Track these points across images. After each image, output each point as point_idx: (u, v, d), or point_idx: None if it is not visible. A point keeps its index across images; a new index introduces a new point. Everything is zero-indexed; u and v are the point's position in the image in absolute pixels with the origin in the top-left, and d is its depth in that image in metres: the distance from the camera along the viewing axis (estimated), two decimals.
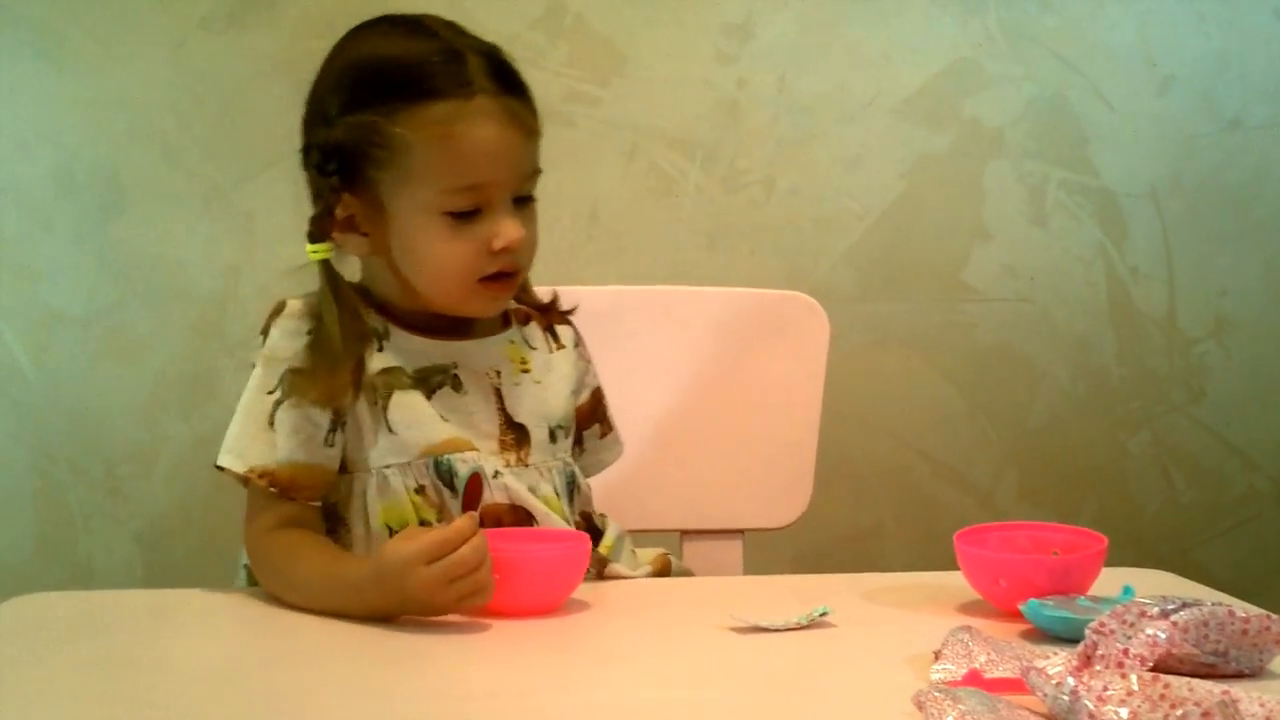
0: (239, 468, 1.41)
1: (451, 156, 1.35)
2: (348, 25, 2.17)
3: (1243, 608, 1.07)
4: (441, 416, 1.39)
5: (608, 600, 1.32)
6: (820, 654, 1.17)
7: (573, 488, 1.47)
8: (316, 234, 1.41)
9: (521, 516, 1.39)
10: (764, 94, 2.22)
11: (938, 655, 1.08)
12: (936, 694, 0.95)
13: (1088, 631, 1.01)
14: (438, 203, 1.36)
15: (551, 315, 1.53)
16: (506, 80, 1.39)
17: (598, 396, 1.55)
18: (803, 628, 1.21)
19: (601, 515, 1.52)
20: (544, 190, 1.99)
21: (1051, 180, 2.26)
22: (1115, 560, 1.30)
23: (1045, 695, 0.94)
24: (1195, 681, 0.93)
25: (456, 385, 1.42)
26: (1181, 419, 2.30)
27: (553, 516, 1.41)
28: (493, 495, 1.39)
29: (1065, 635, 1.14)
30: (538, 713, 1.03)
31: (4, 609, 1.33)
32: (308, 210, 1.41)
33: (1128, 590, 1.22)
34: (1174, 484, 2.31)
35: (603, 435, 1.56)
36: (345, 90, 1.41)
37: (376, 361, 1.40)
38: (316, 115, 1.43)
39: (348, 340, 1.39)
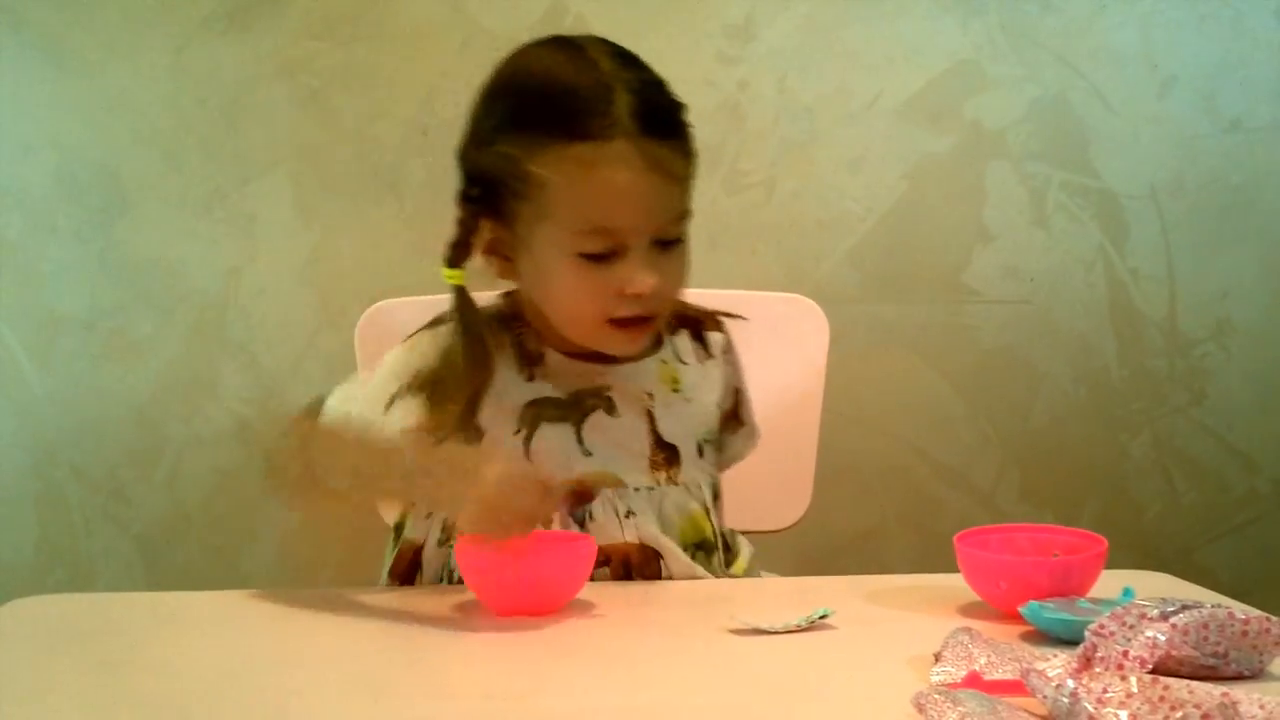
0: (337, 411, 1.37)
1: (585, 199, 1.32)
2: (349, 27, 2.19)
3: (1242, 610, 1.07)
4: (586, 451, 1.39)
5: (608, 602, 1.32)
6: (820, 656, 1.17)
7: (716, 498, 1.48)
8: (452, 258, 1.39)
9: (649, 556, 1.39)
10: (765, 95, 2.22)
11: (938, 657, 1.08)
12: (936, 696, 0.95)
13: (1087, 633, 1.01)
14: (571, 243, 1.33)
15: (703, 323, 1.52)
16: (654, 123, 1.33)
17: (739, 396, 1.55)
18: (802, 630, 1.21)
19: (734, 533, 1.52)
20: None
21: (1053, 182, 2.26)
22: (1116, 562, 1.30)
23: (1045, 697, 0.94)
24: (1195, 683, 0.93)
25: (610, 408, 1.42)
26: (1182, 420, 2.30)
27: (680, 558, 1.40)
28: (623, 535, 1.39)
29: (1065, 637, 1.14)
30: (537, 714, 1.03)
31: (5, 611, 1.33)
32: (309, 211, 1.41)
33: (1128, 592, 1.22)
34: (1175, 486, 2.31)
35: (737, 429, 1.56)
36: (494, 115, 1.39)
37: (526, 392, 1.40)
38: (469, 136, 1.41)
39: (469, 369, 1.37)
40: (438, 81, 2.20)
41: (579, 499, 1.38)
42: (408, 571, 1.43)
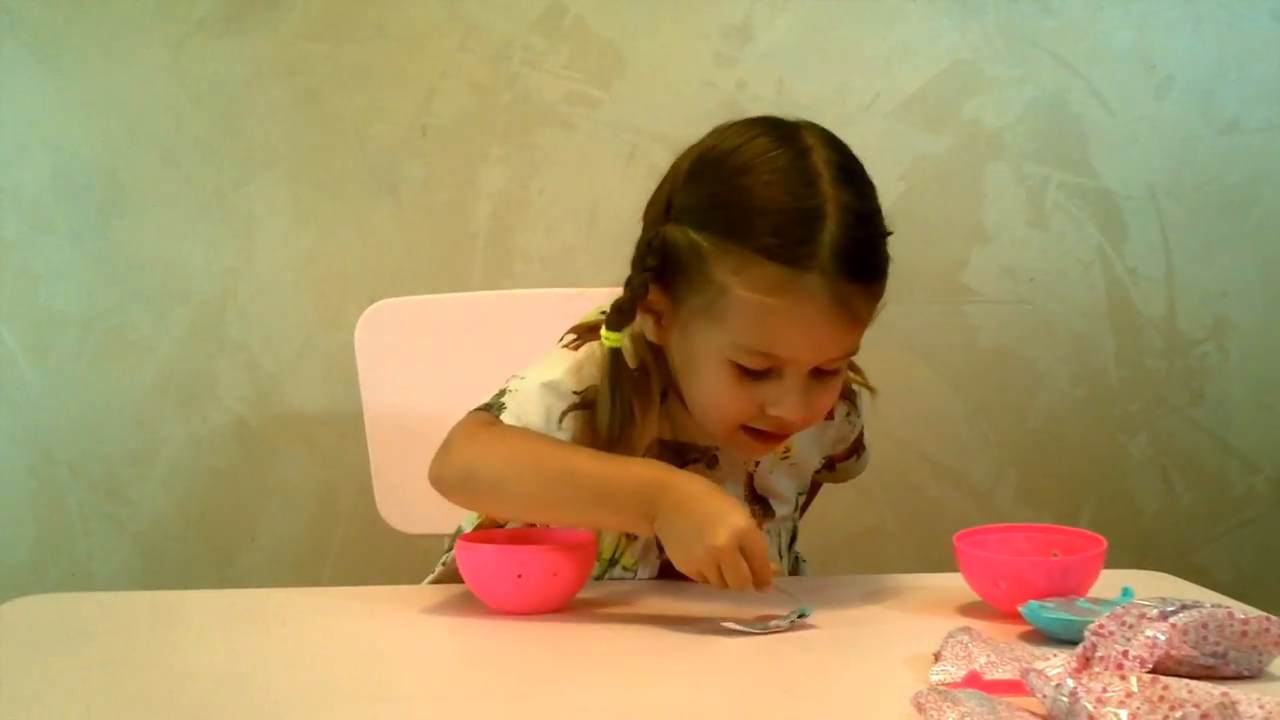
0: (510, 420, 1.35)
1: (760, 321, 1.27)
2: (346, 27, 2.19)
3: (1242, 609, 1.07)
4: None
5: (608, 601, 1.32)
6: (820, 655, 1.17)
7: (793, 539, 1.51)
8: (615, 322, 1.35)
9: None
10: (763, 96, 2.22)
11: (937, 657, 1.08)
12: (936, 695, 0.95)
13: (1087, 633, 1.01)
14: (731, 352, 1.29)
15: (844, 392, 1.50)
16: (854, 264, 1.27)
17: (859, 441, 1.58)
18: (783, 630, 1.21)
19: (801, 560, 1.56)
20: (544, 191, 2.00)
21: (1051, 182, 2.26)
22: (1114, 562, 1.30)
23: (1044, 697, 0.94)
24: (1194, 683, 0.93)
25: (711, 463, 1.42)
26: (1181, 421, 2.30)
27: None
28: None
29: (1064, 637, 1.14)
30: (537, 713, 1.03)
31: (2, 611, 1.33)
32: (307, 211, 1.40)
33: (1127, 592, 1.22)
34: (1173, 486, 2.31)
35: (858, 457, 1.60)
36: (695, 198, 1.32)
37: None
38: (663, 202, 1.35)
39: (612, 432, 1.35)
40: (435, 81, 2.19)
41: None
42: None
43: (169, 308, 2.22)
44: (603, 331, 1.36)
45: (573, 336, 1.42)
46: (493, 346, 1.81)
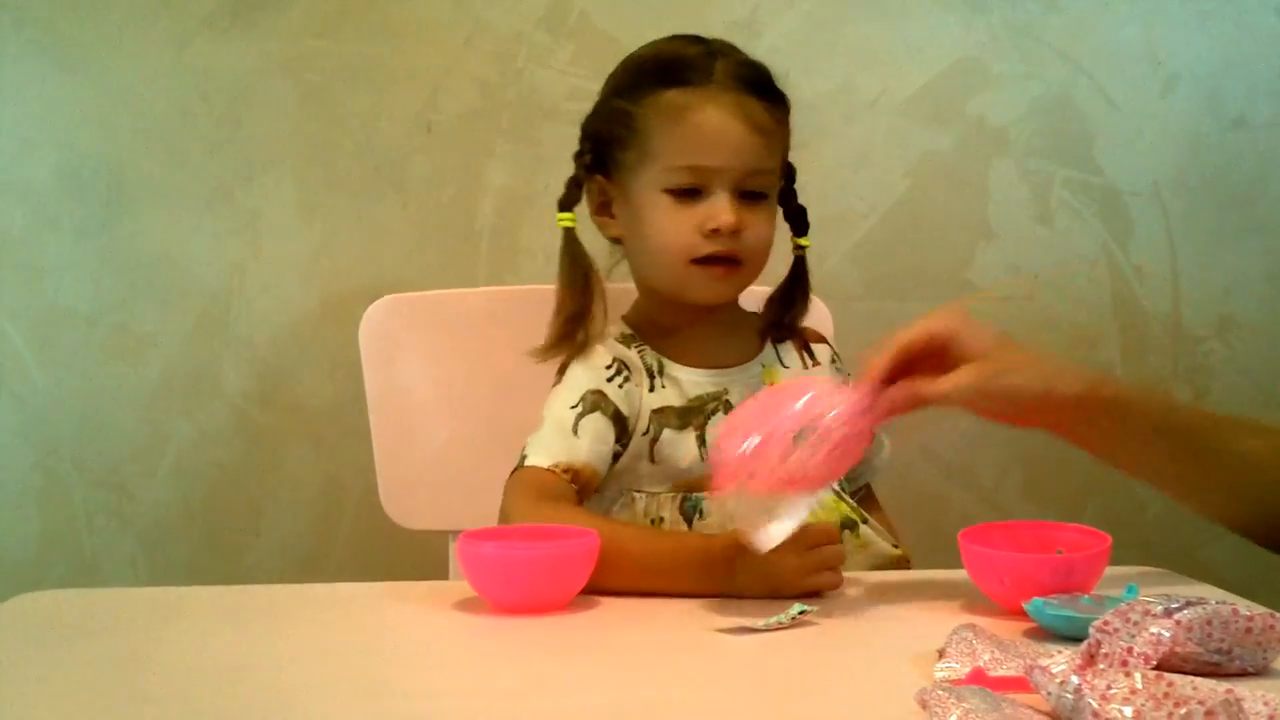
0: (544, 463, 1.47)
1: (676, 136, 1.48)
2: (351, 24, 2.19)
3: (1247, 606, 1.07)
4: (703, 454, 1.49)
5: (608, 599, 1.32)
6: (824, 652, 1.17)
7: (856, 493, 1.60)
8: (563, 202, 1.58)
9: None
10: None
11: (941, 653, 1.08)
12: (940, 692, 0.95)
13: (1091, 630, 1.01)
14: (661, 179, 1.49)
15: (803, 335, 1.63)
16: (751, 82, 1.51)
17: None
18: (784, 627, 1.21)
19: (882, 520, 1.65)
20: (549, 188, 2.01)
21: (1056, 179, 2.25)
22: (1119, 559, 1.30)
23: (1049, 694, 0.94)
24: (1199, 680, 0.93)
25: (728, 409, 1.52)
26: None
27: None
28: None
29: (1069, 634, 1.14)
30: (537, 712, 1.03)
31: (7, 607, 1.33)
32: (312, 207, 1.43)
33: (1131, 589, 1.22)
34: None
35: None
36: (612, 83, 1.58)
37: (651, 400, 1.52)
38: (590, 113, 1.59)
39: (571, 289, 1.55)
40: (441, 78, 2.20)
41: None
42: None
43: (174, 303, 2.22)
44: (557, 215, 1.57)
45: (557, 358, 1.56)
46: (497, 343, 1.82)
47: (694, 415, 1.52)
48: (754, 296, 1.61)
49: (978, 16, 2.23)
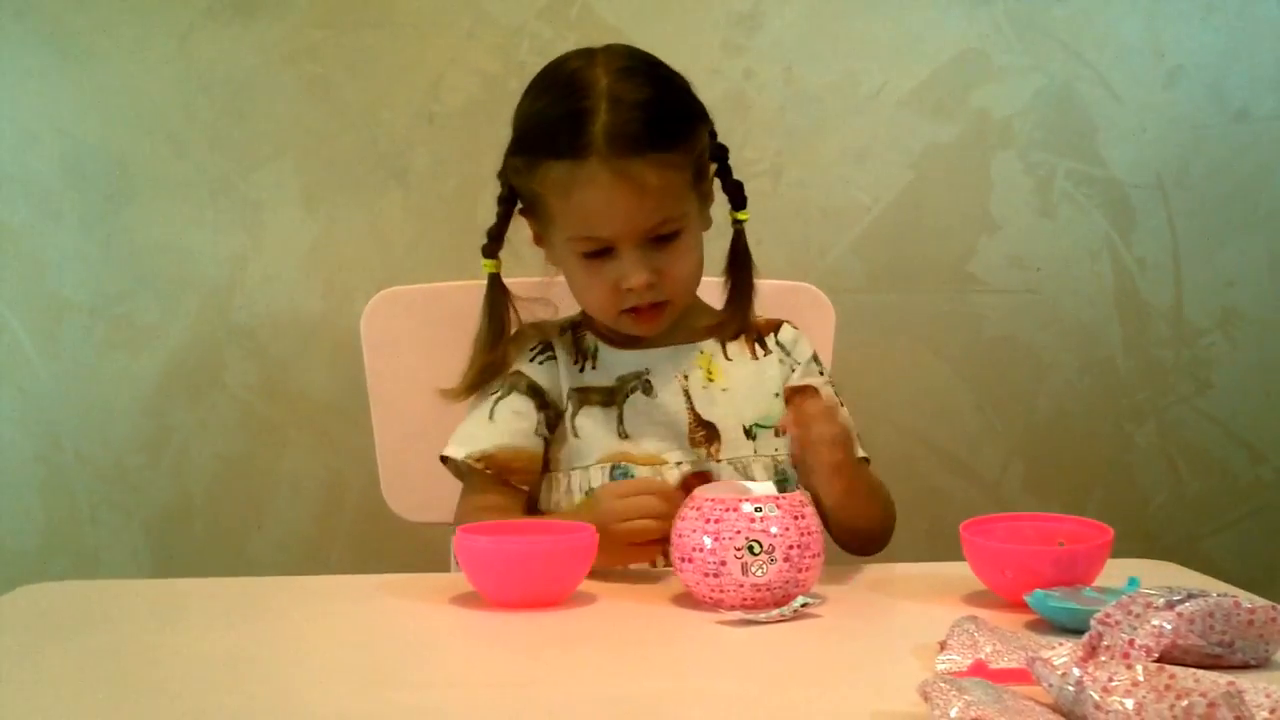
0: (459, 455, 1.53)
1: (568, 210, 1.47)
2: (354, 14, 2.20)
3: (1248, 599, 1.07)
4: (624, 433, 1.53)
5: (607, 592, 1.32)
6: (826, 644, 1.17)
7: (782, 485, 1.53)
8: (486, 249, 1.58)
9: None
10: (771, 84, 2.22)
11: (943, 645, 1.08)
12: (942, 684, 0.95)
13: (1093, 622, 1.01)
14: (571, 246, 1.50)
15: (760, 329, 1.62)
16: (626, 141, 1.43)
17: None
18: (786, 620, 1.21)
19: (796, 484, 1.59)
20: None
21: (1059, 171, 2.25)
22: (1121, 551, 1.30)
23: (1050, 686, 0.94)
24: (1201, 672, 0.92)
25: (647, 389, 1.55)
26: (1188, 410, 2.30)
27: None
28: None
29: (1071, 626, 1.14)
30: (536, 704, 1.03)
31: (10, 598, 1.34)
32: (315, 198, 1.43)
33: (1133, 581, 1.22)
34: (1180, 475, 2.31)
35: None
36: (514, 125, 1.54)
37: (576, 381, 1.55)
38: (504, 159, 1.55)
39: (485, 340, 1.58)
40: (444, 69, 2.19)
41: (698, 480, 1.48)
42: None
43: (177, 295, 2.22)
44: (483, 262, 1.58)
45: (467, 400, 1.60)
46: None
47: (616, 394, 1.54)
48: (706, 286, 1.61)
49: (980, 9, 2.22)
